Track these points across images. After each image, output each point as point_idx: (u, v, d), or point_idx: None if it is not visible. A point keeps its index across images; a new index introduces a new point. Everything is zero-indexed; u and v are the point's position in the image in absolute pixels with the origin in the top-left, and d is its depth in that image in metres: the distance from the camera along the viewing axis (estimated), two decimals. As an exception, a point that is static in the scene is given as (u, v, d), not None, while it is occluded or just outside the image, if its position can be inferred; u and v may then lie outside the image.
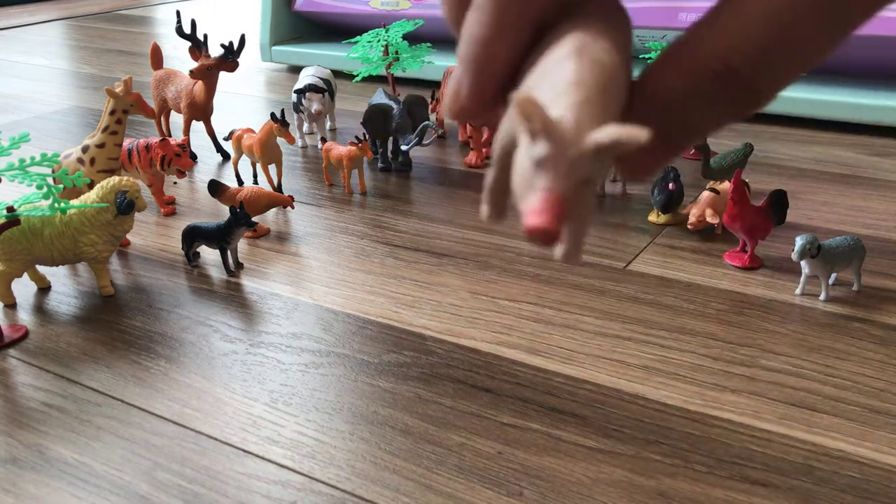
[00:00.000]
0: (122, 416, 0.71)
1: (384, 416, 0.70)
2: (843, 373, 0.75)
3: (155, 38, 2.37)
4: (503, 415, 0.70)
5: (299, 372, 0.77)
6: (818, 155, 1.32)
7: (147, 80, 1.70)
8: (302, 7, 1.95)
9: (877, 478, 0.62)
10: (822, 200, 1.14)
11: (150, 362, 0.79)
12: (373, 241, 1.04)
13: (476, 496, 0.61)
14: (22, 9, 2.99)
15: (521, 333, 0.82)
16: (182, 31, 1.30)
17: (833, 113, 1.41)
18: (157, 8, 2.99)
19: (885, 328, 0.82)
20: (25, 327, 0.85)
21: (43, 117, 1.63)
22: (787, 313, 0.85)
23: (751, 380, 0.74)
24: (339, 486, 0.62)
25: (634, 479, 0.62)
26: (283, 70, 1.99)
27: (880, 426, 0.68)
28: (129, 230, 0.92)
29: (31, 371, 0.78)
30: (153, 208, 1.14)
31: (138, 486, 0.63)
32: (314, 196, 1.19)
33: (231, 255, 0.95)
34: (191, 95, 1.31)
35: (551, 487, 0.61)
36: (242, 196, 1.04)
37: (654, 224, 1.06)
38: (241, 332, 0.83)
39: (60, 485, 0.63)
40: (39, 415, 0.71)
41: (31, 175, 0.76)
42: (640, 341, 0.80)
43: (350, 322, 0.85)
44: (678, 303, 0.87)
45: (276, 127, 1.14)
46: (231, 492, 0.62)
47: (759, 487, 0.61)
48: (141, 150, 1.08)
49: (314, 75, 1.39)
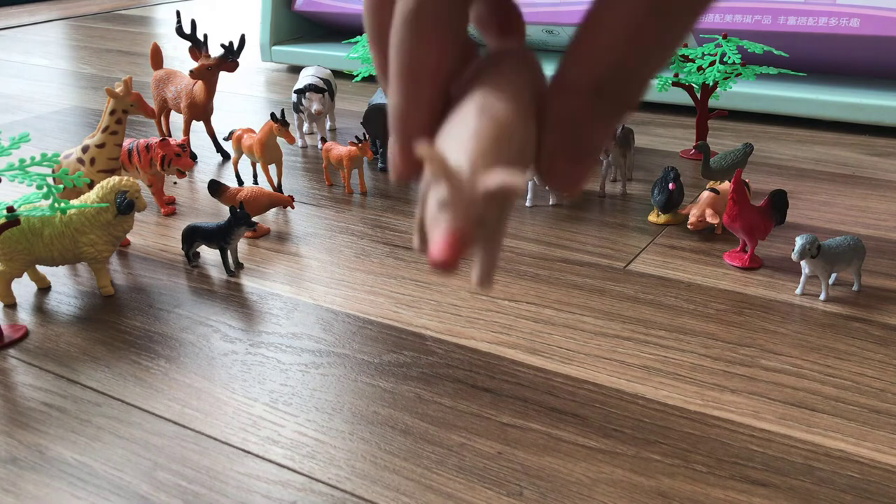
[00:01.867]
0: (122, 416, 0.71)
1: (384, 416, 0.70)
2: (843, 373, 0.75)
3: (155, 38, 2.37)
4: (503, 415, 0.70)
5: (299, 372, 0.77)
6: (818, 155, 1.32)
7: (147, 80, 1.70)
8: (302, 7, 1.95)
9: (877, 478, 0.62)
10: (822, 200, 1.14)
11: (150, 362, 0.79)
12: (373, 241, 1.04)
13: (476, 496, 0.61)
14: (22, 9, 2.99)
15: (521, 333, 0.82)
16: (182, 31, 1.30)
17: (833, 113, 1.41)
18: (157, 8, 3.00)
19: (885, 328, 0.82)
20: (25, 327, 0.85)
21: (43, 117, 1.63)
22: (787, 313, 0.85)
23: (751, 380, 0.74)
24: (339, 486, 0.62)
25: (634, 479, 0.62)
26: (283, 70, 2.00)
27: (880, 426, 0.68)
28: (129, 230, 0.92)
29: (31, 371, 0.78)
30: (153, 208, 1.14)
31: (138, 486, 0.63)
32: (314, 196, 1.19)
33: (231, 255, 0.95)
34: (191, 95, 1.31)
35: (551, 487, 0.61)
36: (242, 196, 1.04)
37: (654, 224, 1.06)
38: (241, 332, 0.83)
39: (60, 485, 0.63)
40: (39, 415, 0.71)
41: (31, 175, 0.76)
42: (640, 341, 0.80)
43: (350, 322, 0.85)
44: (678, 303, 0.87)
45: (276, 127, 1.14)
46: (231, 492, 0.62)
47: (759, 487, 0.61)
48: (141, 150, 1.08)
49: (314, 75, 1.39)
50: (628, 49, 0.20)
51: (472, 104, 0.21)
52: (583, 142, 0.22)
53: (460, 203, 0.19)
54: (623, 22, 0.20)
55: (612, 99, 0.21)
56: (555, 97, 0.22)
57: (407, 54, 0.22)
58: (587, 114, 0.21)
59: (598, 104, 0.21)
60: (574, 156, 0.22)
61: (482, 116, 0.20)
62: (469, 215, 0.19)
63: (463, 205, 0.19)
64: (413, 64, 0.22)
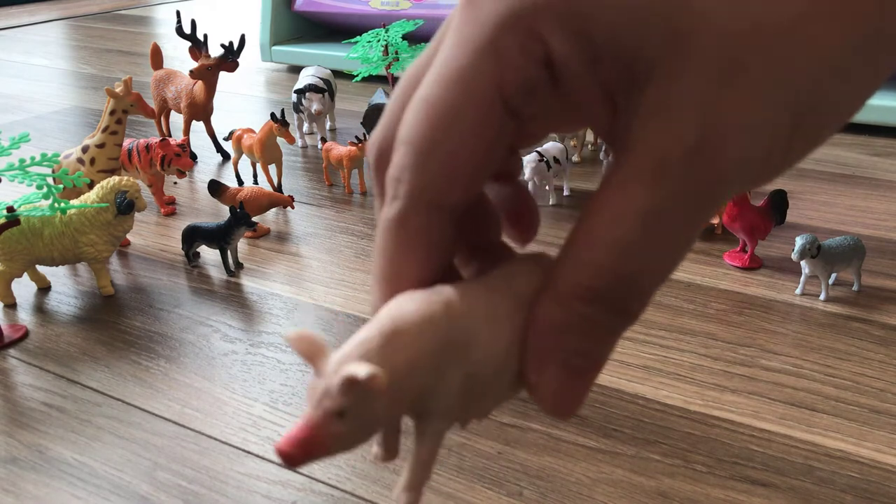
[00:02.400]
0: (122, 416, 0.71)
1: (384, 416, 0.70)
2: (843, 373, 0.75)
3: (155, 38, 2.37)
4: (503, 415, 0.70)
5: (299, 372, 0.77)
6: (818, 155, 1.32)
7: (147, 80, 1.70)
8: (302, 7, 1.95)
9: (877, 478, 0.62)
10: (822, 200, 1.14)
11: (150, 362, 0.79)
12: (373, 241, 1.03)
13: (476, 496, 0.61)
14: (22, 9, 2.99)
15: (521, 333, 0.82)
16: (182, 31, 1.30)
17: (833, 113, 1.41)
18: (157, 8, 3.00)
19: (885, 328, 0.82)
20: (25, 327, 0.85)
21: (43, 117, 1.63)
22: (787, 313, 0.85)
23: (751, 380, 0.74)
24: (339, 486, 0.62)
25: (634, 479, 0.62)
26: (283, 70, 1.99)
27: (880, 426, 0.68)
28: (129, 230, 0.92)
29: (31, 371, 0.78)
30: (153, 208, 1.14)
31: (138, 486, 0.63)
32: (314, 196, 1.19)
33: (231, 255, 0.95)
34: (191, 95, 1.31)
35: (551, 487, 0.61)
36: (242, 196, 1.04)
37: (654, 224, 1.06)
38: (241, 332, 0.83)
39: (60, 485, 0.63)
40: (39, 415, 0.71)
41: (31, 175, 0.76)
42: (640, 341, 0.80)
43: (350, 322, 0.85)
44: (678, 303, 0.87)
45: (276, 127, 1.14)
46: (231, 492, 0.62)
47: (759, 487, 0.61)
48: (141, 150, 1.08)
49: (314, 75, 1.39)
50: (631, 258, 0.19)
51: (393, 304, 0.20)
52: (578, 352, 0.20)
53: (317, 392, 0.19)
54: (624, 229, 0.18)
55: (613, 310, 0.20)
56: (546, 300, 0.20)
57: (387, 262, 0.21)
58: (587, 325, 0.20)
59: (599, 315, 0.20)
60: (566, 367, 0.20)
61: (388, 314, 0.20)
62: (322, 406, 0.18)
63: (318, 394, 0.19)
64: (393, 271, 0.21)
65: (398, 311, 0.20)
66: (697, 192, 0.18)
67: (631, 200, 0.18)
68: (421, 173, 0.20)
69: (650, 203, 0.18)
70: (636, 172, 0.18)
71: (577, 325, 0.20)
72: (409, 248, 0.21)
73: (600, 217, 0.19)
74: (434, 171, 0.20)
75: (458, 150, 0.20)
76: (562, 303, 0.20)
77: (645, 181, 0.18)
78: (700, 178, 0.18)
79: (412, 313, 0.20)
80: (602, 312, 0.20)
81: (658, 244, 0.19)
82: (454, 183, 0.20)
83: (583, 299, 0.19)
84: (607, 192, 0.19)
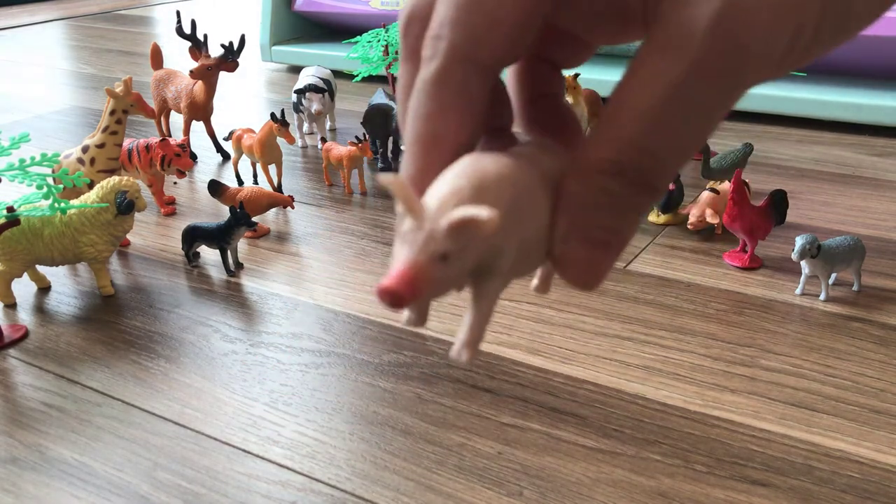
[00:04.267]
0: (122, 416, 0.71)
1: (384, 416, 0.70)
2: (843, 373, 0.75)
3: (155, 38, 2.37)
4: (503, 415, 0.70)
5: (299, 372, 0.77)
6: (818, 155, 1.32)
7: (147, 80, 1.70)
8: (302, 7, 1.95)
9: (877, 478, 0.62)
10: (822, 200, 1.14)
11: (150, 362, 0.79)
12: (373, 241, 1.04)
13: (476, 496, 0.61)
14: (22, 9, 2.99)
15: (522, 333, 0.82)
16: (182, 31, 1.30)
17: (833, 113, 1.41)
18: (157, 8, 3.00)
19: (885, 328, 0.82)
20: (25, 327, 0.85)
21: (43, 117, 1.63)
22: (787, 313, 0.85)
23: (751, 380, 0.74)
24: (339, 486, 0.62)
25: (634, 479, 0.62)
26: (283, 70, 1.99)
27: (880, 426, 0.68)
28: (129, 230, 0.92)
29: (31, 371, 0.78)
30: (153, 208, 1.14)
31: (138, 486, 0.63)
32: (314, 196, 1.19)
33: (231, 255, 0.95)
34: (191, 95, 1.31)
35: (551, 487, 0.61)
36: (242, 196, 1.04)
37: (654, 224, 1.06)
38: (241, 332, 0.83)
39: (60, 485, 0.63)
40: (39, 415, 0.71)
41: (31, 175, 0.76)
42: (640, 341, 0.80)
43: (350, 322, 0.85)
44: (678, 303, 0.87)
45: (276, 127, 1.14)
46: (231, 492, 0.62)
47: (759, 487, 0.61)
48: (141, 150, 1.08)
49: (314, 75, 1.39)
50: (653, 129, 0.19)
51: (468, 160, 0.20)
52: (601, 226, 0.21)
53: (420, 236, 0.18)
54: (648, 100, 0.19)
55: (637, 184, 0.20)
56: (571, 176, 0.20)
57: (425, 123, 0.21)
58: (611, 200, 0.20)
59: (622, 189, 0.20)
60: (589, 241, 0.21)
61: (464, 162, 0.20)
62: (428, 249, 0.18)
63: (422, 238, 0.18)
64: (431, 132, 0.21)
65: (480, 166, 0.20)
66: (721, 66, 0.18)
67: (656, 72, 0.19)
68: (464, 27, 0.20)
69: (674, 74, 0.18)
70: (661, 45, 0.19)
71: (601, 200, 0.20)
72: (450, 107, 0.21)
73: (625, 91, 0.19)
74: (477, 23, 0.20)
75: (502, 3, 0.20)
76: (587, 177, 0.20)
77: (669, 53, 0.18)
78: (724, 50, 0.18)
79: (493, 171, 0.20)
80: (625, 185, 0.20)
81: (681, 116, 0.19)
82: (497, 38, 0.20)
83: (607, 173, 0.20)
84: (634, 66, 0.19)
